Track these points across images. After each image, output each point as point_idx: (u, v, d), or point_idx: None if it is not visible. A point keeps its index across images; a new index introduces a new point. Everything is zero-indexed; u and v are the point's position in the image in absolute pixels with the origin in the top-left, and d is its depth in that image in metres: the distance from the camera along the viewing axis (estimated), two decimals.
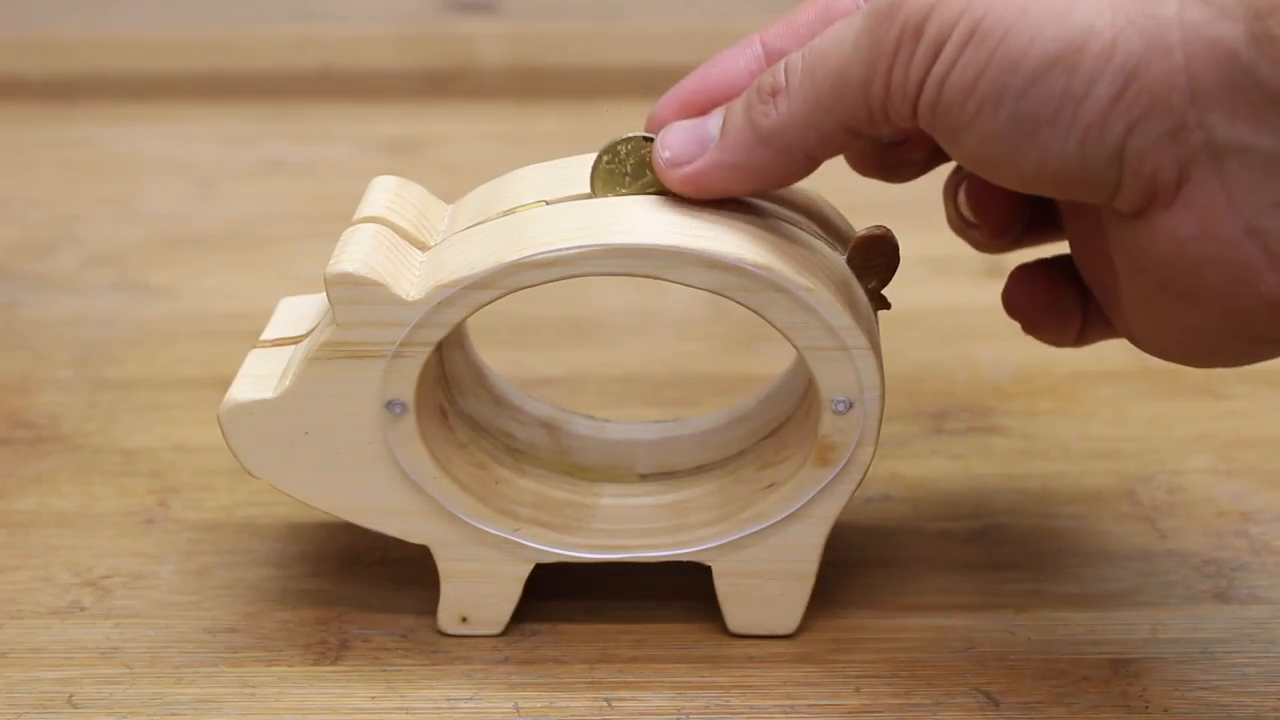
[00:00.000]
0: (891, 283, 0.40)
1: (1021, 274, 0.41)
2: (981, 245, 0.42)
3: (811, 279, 0.38)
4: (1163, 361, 0.38)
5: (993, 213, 0.41)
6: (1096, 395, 0.54)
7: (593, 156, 0.40)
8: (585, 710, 0.39)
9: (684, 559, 0.41)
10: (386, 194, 0.42)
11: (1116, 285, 0.37)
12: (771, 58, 0.39)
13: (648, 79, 0.62)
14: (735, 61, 0.39)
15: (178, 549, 0.46)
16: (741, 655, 0.41)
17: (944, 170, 0.42)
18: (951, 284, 0.62)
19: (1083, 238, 0.39)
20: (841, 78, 0.35)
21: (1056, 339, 0.41)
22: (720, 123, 0.38)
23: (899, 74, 0.34)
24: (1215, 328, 0.34)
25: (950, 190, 0.42)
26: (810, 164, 0.37)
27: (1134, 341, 0.38)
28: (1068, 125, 0.33)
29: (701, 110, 0.39)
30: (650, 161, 0.39)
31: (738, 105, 0.37)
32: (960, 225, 0.42)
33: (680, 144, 0.38)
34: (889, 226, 0.40)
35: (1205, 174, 0.32)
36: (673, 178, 0.38)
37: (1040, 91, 0.33)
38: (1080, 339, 0.41)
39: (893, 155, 0.42)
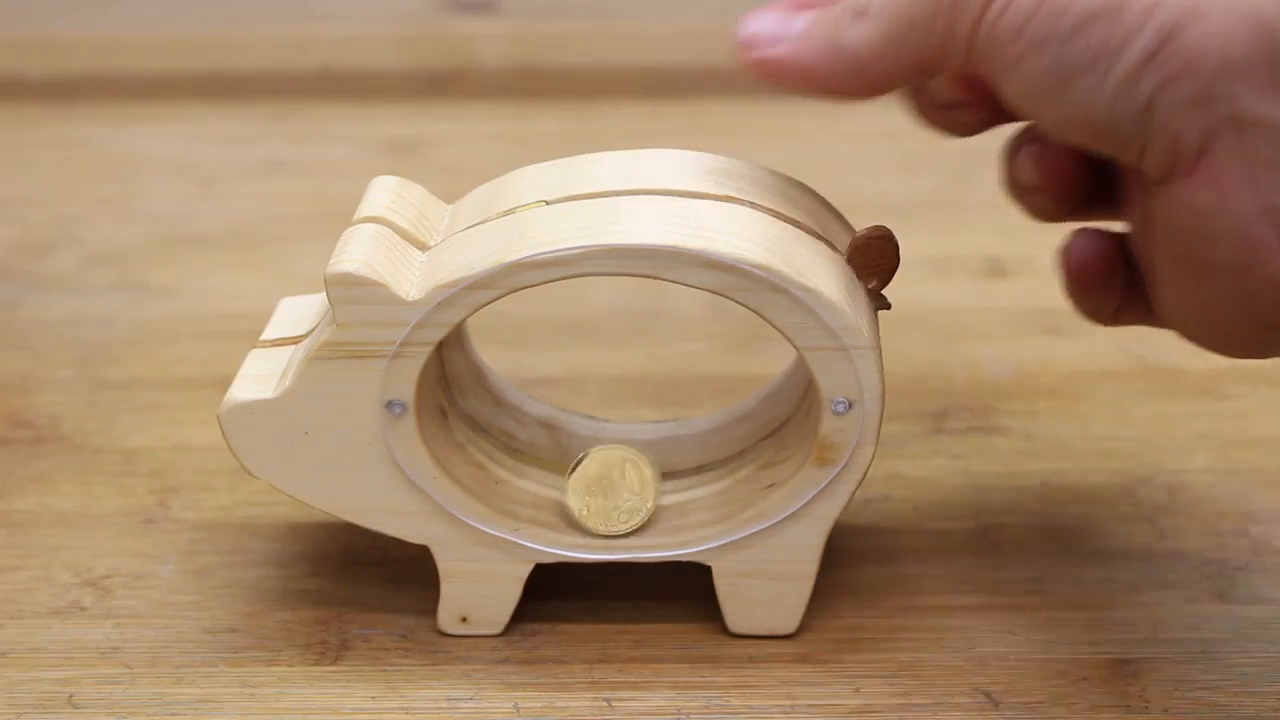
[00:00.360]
0: (891, 283, 0.40)
1: (1085, 233, 0.41)
2: (1039, 211, 0.42)
3: (811, 279, 0.38)
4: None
5: (1058, 174, 0.41)
6: (1096, 395, 0.54)
7: (592, 155, 0.40)
8: (585, 710, 0.39)
9: (684, 559, 0.41)
10: (386, 194, 0.42)
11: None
12: None
13: (648, 79, 0.62)
14: None
15: (178, 549, 0.46)
16: (741, 655, 0.41)
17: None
18: (951, 284, 0.61)
19: (1135, 209, 0.39)
20: (910, 12, 0.36)
21: (1095, 311, 0.41)
22: (807, 24, 0.38)
23: (959, 12, 0.35)
24: (1227, 308, 0.35)
25: (1011, 152, 0.41)
26: (875, 90, 0.38)
27: (1166, 321, 0.38)
28: (1102, 76, 0.33)
29: None
30: (643, 509, 0.41)
31: (830, 13, 0.38)
32: (1017, 190, 0.42)
33: (765, 26, 0.39)
34: (889, 226, 0.40)
35: (1227, 146, 0.33)
36: (748, 57, 0.39)
37: (1082, 40, 0.33)
38: (1116, 317, 0.41)
39: (950, 116, 0.42)
